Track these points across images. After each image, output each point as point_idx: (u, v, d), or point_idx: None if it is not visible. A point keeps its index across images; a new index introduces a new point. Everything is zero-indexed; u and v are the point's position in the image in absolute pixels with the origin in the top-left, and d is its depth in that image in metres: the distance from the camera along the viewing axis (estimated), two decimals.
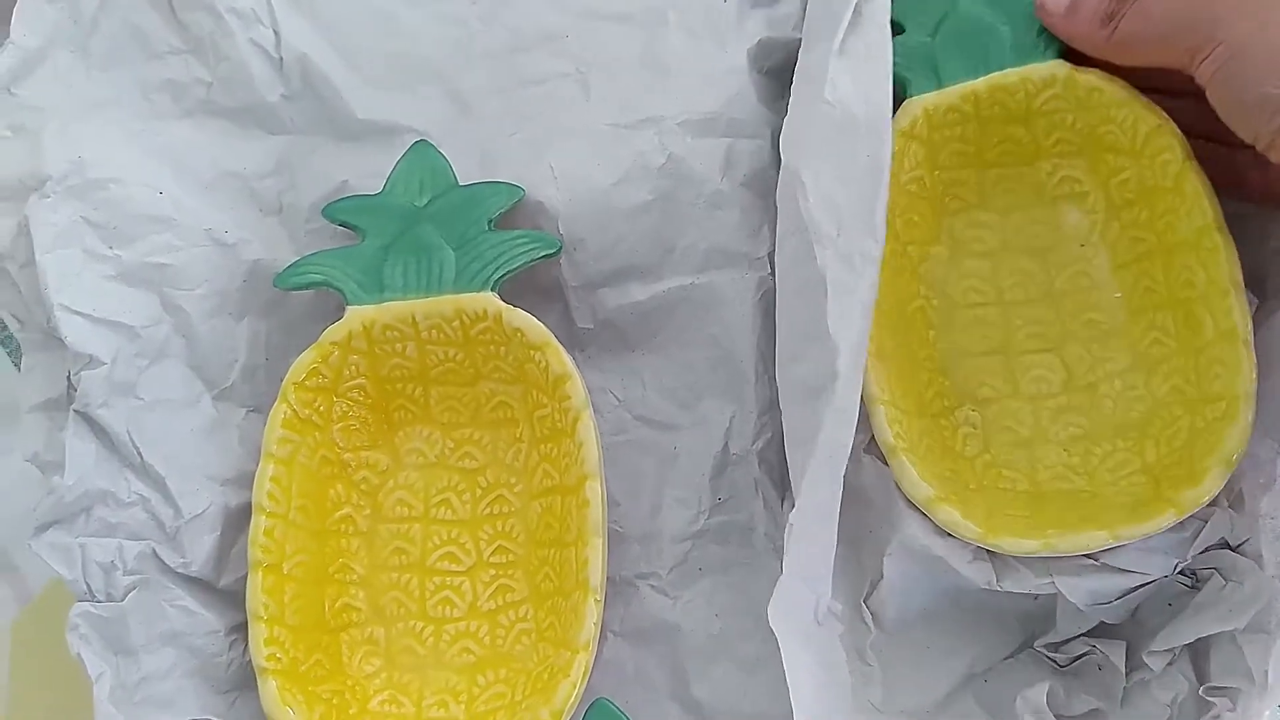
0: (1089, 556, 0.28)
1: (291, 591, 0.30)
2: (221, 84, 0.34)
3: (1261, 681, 0.26)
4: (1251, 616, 0.27)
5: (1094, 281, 0.30)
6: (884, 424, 0.28)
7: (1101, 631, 0.30)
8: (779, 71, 0.34)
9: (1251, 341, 0.27)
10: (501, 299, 0.32)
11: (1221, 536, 0.28)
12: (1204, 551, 0.28)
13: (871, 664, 0.29)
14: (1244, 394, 0.27)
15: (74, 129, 0.33)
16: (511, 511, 0.32)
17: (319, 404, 0.32)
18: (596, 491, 0.30)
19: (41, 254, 0.30)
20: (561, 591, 0.30)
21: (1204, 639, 0.28)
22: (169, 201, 0.33)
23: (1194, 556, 0.28)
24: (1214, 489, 0.26)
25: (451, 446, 0.33)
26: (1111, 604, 0.28)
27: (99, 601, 0.29)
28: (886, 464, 0.29)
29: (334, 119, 0.34)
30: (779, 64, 0.34)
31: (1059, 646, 0.30)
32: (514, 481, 0.32)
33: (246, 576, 0.30)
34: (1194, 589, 0.28)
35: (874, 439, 0.29)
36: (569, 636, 0.29)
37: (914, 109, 0.31)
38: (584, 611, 0.29)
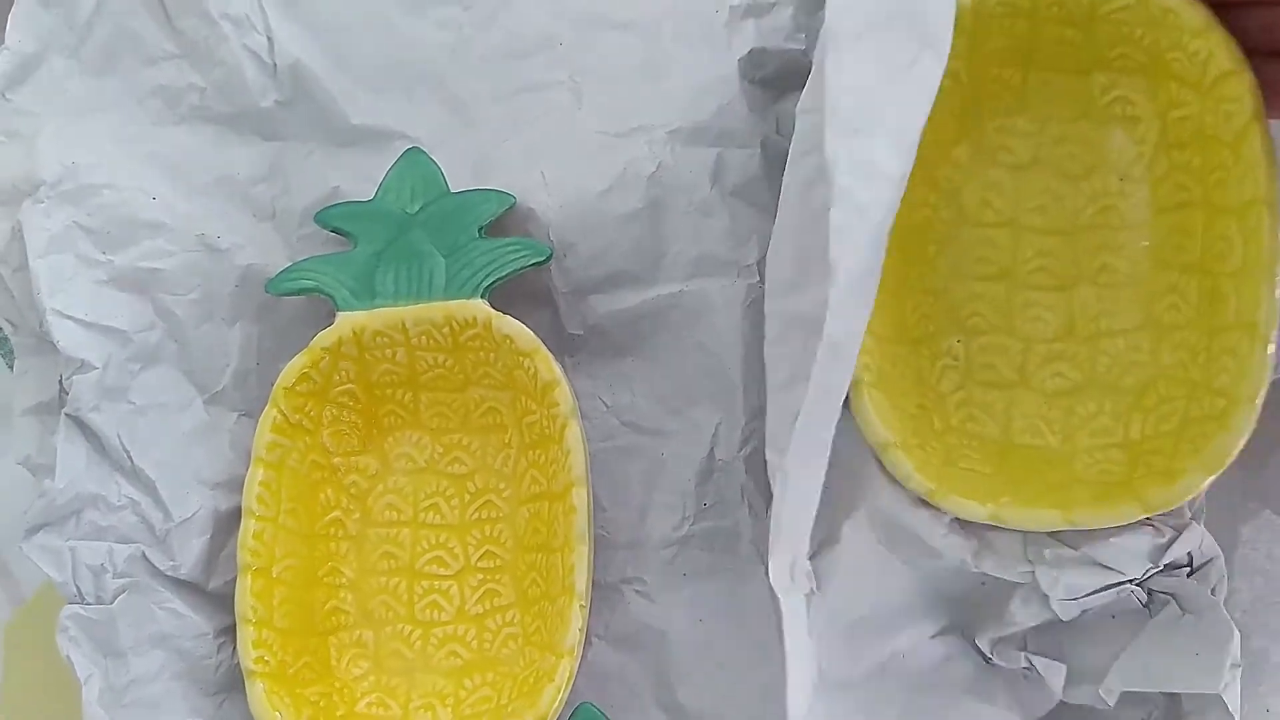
0: (1070, 546, 0.27)
1: (280, 595, 0.30)
2: (215, 89, 0.35)
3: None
4: (1227, 672, 0.26)
5: (1125, 221, 0.27)
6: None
7: (1034, 641, 0.29)
8: (770, 81, 0.34)
9: (1274, 343, 0.24)
10: (492, 305, 0.32)
11: (1189, 552, 0.27)
12: (1168, 567, 0.27)
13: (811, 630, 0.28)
14: (1246, 398, 0.24)
15: (68, 134, 0.33)
16: (499, 517, 0.32)
17: (309, 409, 0.32)
18: (583, 498, 0.30)
19: (34, 259, 0.31)
20: (548, 596, 0.30)
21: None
22: (162, 207, 0.33)
23: (1163, 566, 0.27)
24: (1186, 494, 0.24)
25: (441, 452, 0.33)
26: (1078, 600, 0.27)
27: (89, 604, 0.29)
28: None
29: (327, 124, 0.35)
30: (770, 74, 0.34)
31: (995, 645, 0.29)
32: (502, 487, 0.33)
33: (235, 580, 0.30)
34: (1145, 608, 0.28)
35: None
36: (554, 641, 0.29)
37: None
38: (569, 616, 0.29)
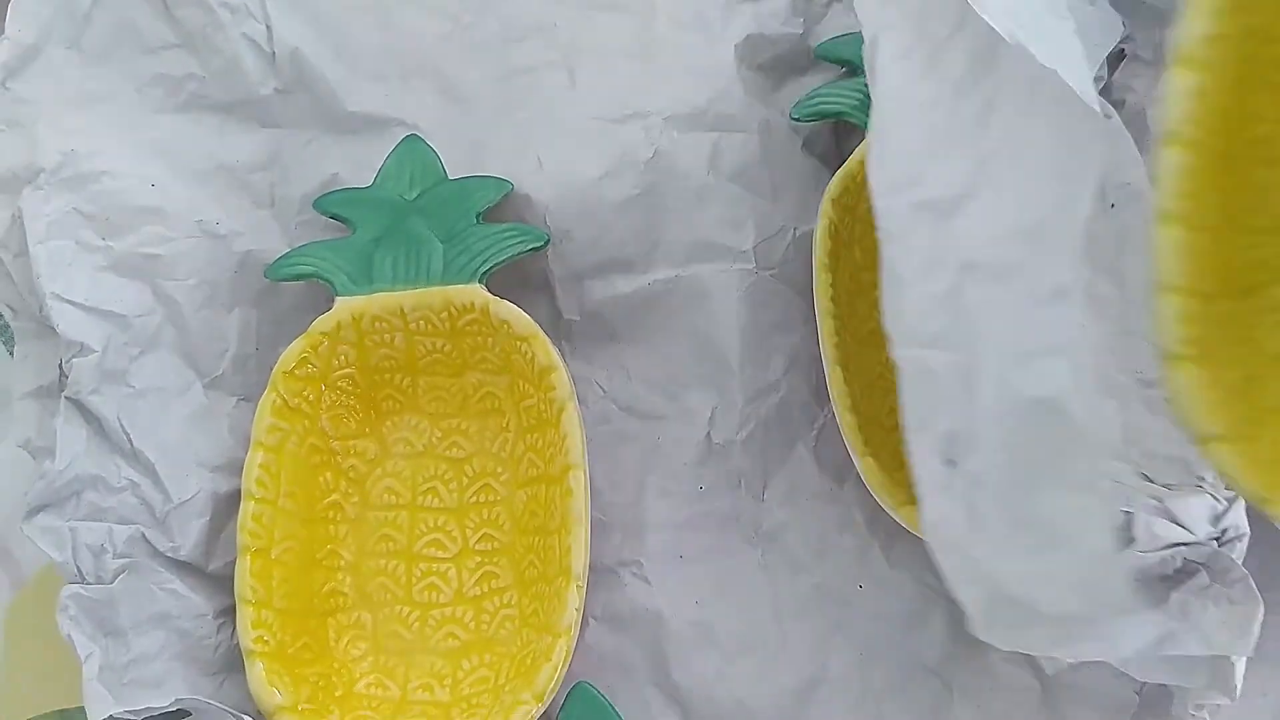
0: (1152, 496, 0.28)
1: (279, 576, 0.31)
2: (214, 78, 0.35)
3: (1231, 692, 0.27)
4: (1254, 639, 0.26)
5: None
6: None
7: None
8: (767, 67, 0.34)
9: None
10: (490, 291, 0.32)
11: (1234, 524, 0.27)
12: (1219, 538, 0.27)
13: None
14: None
15: (67, 122, 0.33)
16: (497, 500, 0.33)
17: (308, 393, 0.32)
18: (580, 480, 0.30)
19: (35, 244, 0.31)
20: (545, 578, 0.31)
21: None
22: (161, 193, 0.33)
23: (1208, 538, 0.27)
24: None
25: (439, 436, 0.33)
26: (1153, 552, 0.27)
27: (89, 584, 0.29)
28: None
29: (325, 112, 0.35)
30: (767, 60, 0.34)
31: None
32: (500, 470, 0.33)
33: (235, 562, 0.30)
34: (1169, 577, 0.28)
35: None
36: (551, 621, 0.29)
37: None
38: (566, 597, 0.29)
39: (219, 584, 0.31)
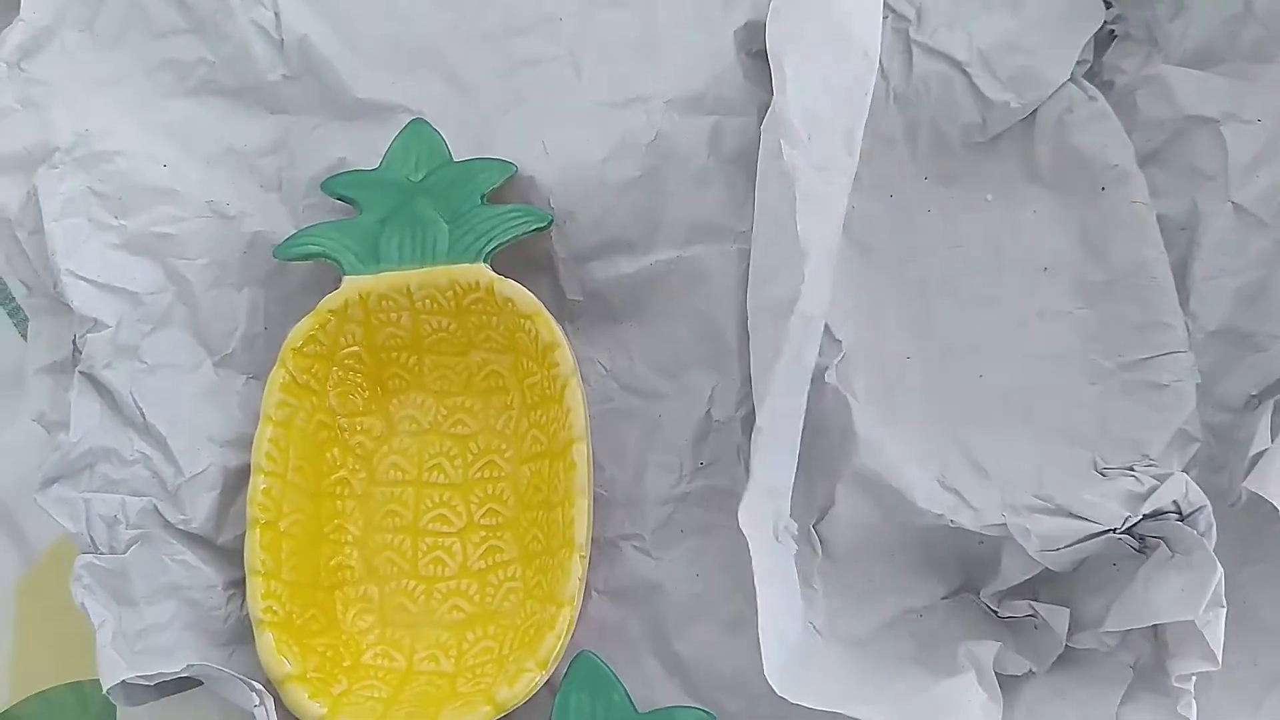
0: (1044, 500, 0.29)
1: (288, 549, 0.31)
2: (224, 63, 0.35)
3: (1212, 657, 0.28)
4: (1205, 604, 0.27)
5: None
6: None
7: (1044, 593, 0.30)
8: (765, 53, 0.35)
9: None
10: (494, 271, 0.33)
11: (1174, 501, 0.28)
12: (1155, 515, 0.28)
13: (816, 588, 0.30)
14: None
15: (81, 103, 0.34)
16: (502, 476, 0.33)
17: (316, 370, 0.33)
18: (583, 454, 0.31)
19: (49, 221, 0.31)
20: (548, 550, 0.31)
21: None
22: (172, 174, 0.34)
23: (1144, 517, 0.28)
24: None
25: (444, 414, 0.34)
26: (1059, 551, 0.29)
27: (102, 554, 0.30)
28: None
29: (333, 98, 0.36)
30: (764, 46, 0.35)
31: (1001, 598, 0.31)
32: (504, 447, 0.33)
33: (244, 535, 0.31)
34: (1140, 553, 0.29)
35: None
36: (555, 592, 0.30)
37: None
38: (569, 567, 0.30)
39: (229, 556, 0.32)
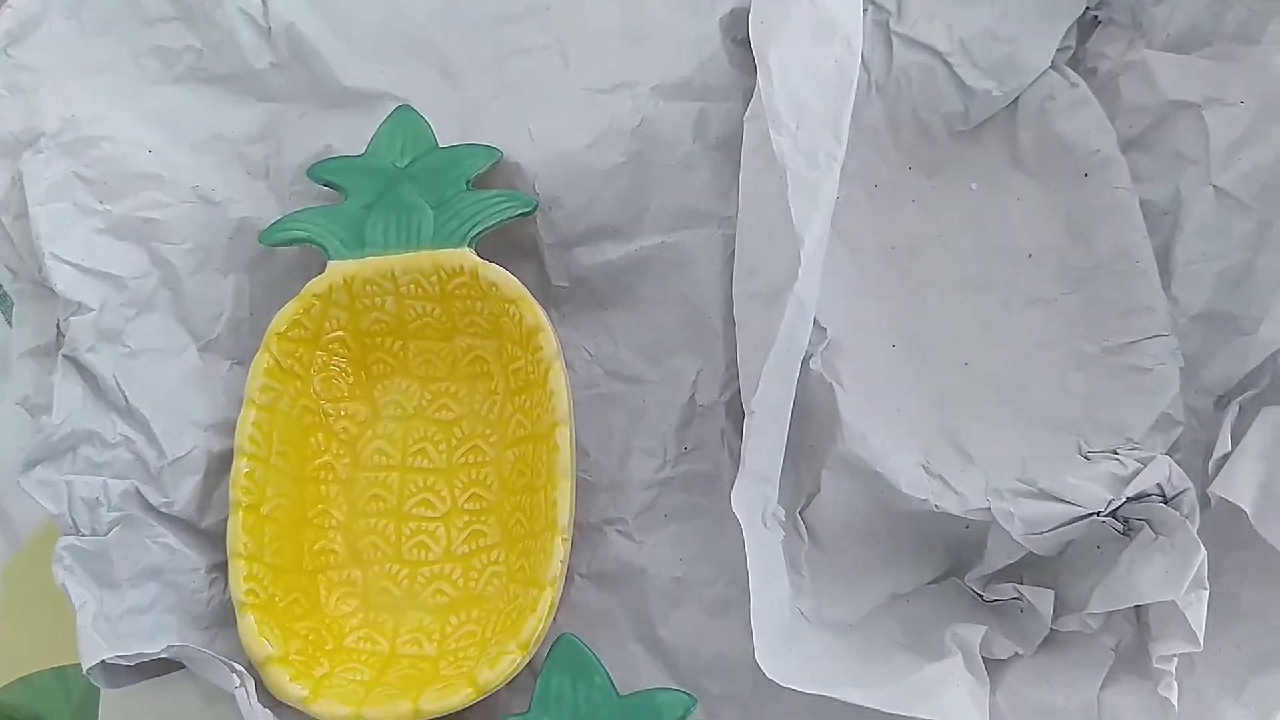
0: (1027, 484, 0.29)
1: (271, 532, 0.31)
2: (211, 51, 0.36)
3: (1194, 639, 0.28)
4: (1188, 585, 0.28)
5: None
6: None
7: (1029, 576, 0.30)
8: (750, 41, 0.35)
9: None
10: (479, 257, 0.33)
11: (1158, 483, 0.28)
12: (1139, 498, 0.28)
13: (803, 574, 0.30)
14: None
15: (68, 89, 0.34)
16: (486, 461, 0.33)
17: (300, 354, 0.33)
18: (566, 437, 0.31)
19: (34, 206, 0.31)
20: (531, 534, 0.31)
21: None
22: (158, 159, 0.34)
23: (1128, 499, 0.28)
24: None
25: (429, 399, 0.34)
26: (1043, 534, 0.29)
27: (84, 536, 0.30)
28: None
29: (320, 86, 0.36)
30: (749, 33, 0.35)
31: (987, 583, 0.31)
32: (488, 432, 0.33)
33: (227, 519, 0.31)
34: (1124, 536, 0.29)
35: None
36: (537, 575, 0.30)
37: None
38: (551, 550, 0.30)
39: (211, 540, 0.32)
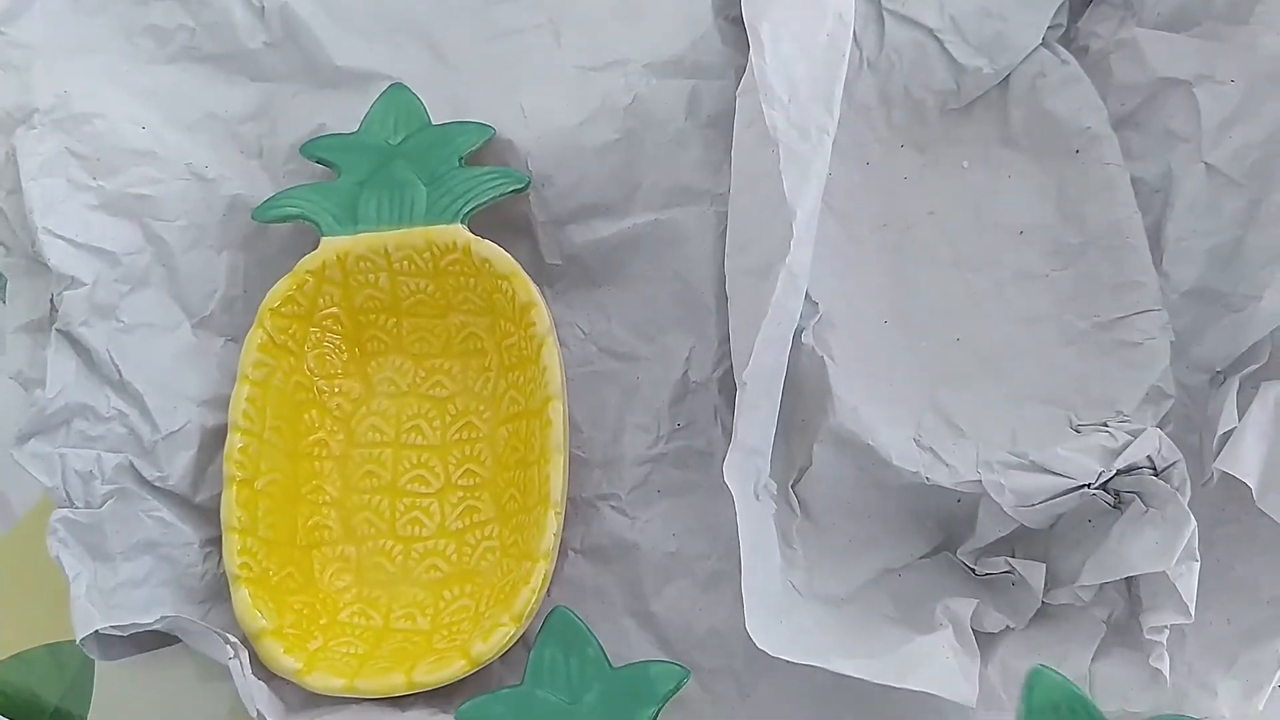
0: (1018, 456, 0.29)
1: (264, 507, 0.31)
2: (205, 30, 0.36)
3: (1185, 611, 0.28)
4: (1178, 556, 0.28)
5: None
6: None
7: (1020, 550, 0.31)
8: (743, 19, 0.35)
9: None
10: (472, 234, 0.33)
11: (1148, 455, 0.28)
12: (1129, 470, 0.29)
13: (795, 548, 0.30)
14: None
15: (61, 66, 0.34)
16: (479, 437, 0.33)
17: (294, 331, 0.33)
18: (559, 411, 0.31)
19: (27, 181, 0.31)
20: (525, 508, 0.31)
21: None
22: (151, 136, 0.34)
23: (1118, 472, 0.28)
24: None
25: (422, 376, 0.34)
26: (1034, 506, 0.29)
27: (78, 508, 0.30)
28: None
29: (313, 67, 0.36)
30: (742, 12, 0.35)
31: (978, 556, 0.31)
32: (482, 409, 0.33)
33: (221, 494, 0.31)
34: (1115, 509, 0.29)
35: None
36: (530, 548, 0.30)
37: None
38: (545, 523, 0.30)
39: (205, 515, 0.32)
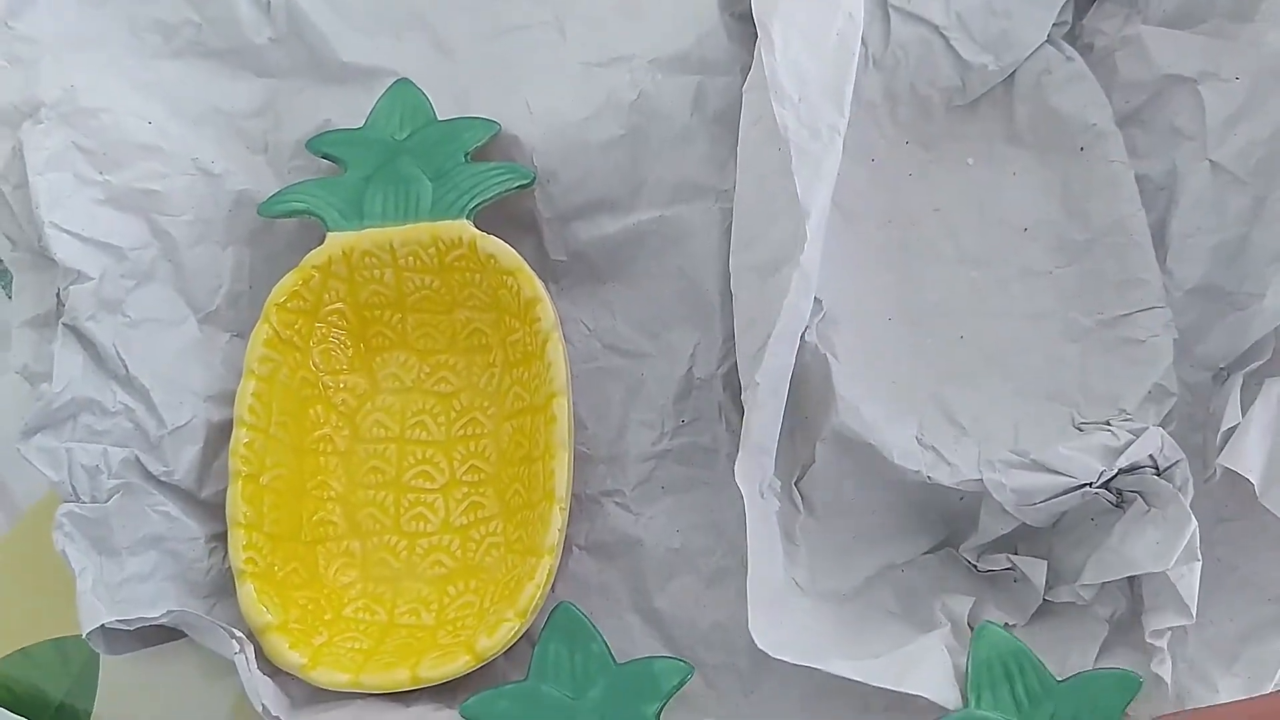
0: (1019, 455, 0.29)
1: (270, 502, 0.31)
2: (210, 25, 0.36)
3: (1187, 612, 0.28)
4: (1178, 556, 0.28)
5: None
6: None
7: (1023, 547, 0.31)
8: (749, 16, 0.35)
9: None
10: (478, 230, 0.33)
11: (1150, 455, 0.29)
12: (1131, 469, 0.29)
13: (798, 544, 0.31)
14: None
15: (67, 61, 0.34)
16: (484, 433, 0.33)
17: (299, 326, 0.33)
18: (563, 407, 0.31)
19: (33, 175, 0.31)
20: (529, 504, 0.31)
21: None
22: (157, 131, 0.34)
23: (1120, 471, 0.28)
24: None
25: (427, 371, 0.34)
26: (1035, 505, 0.29)
27: (84, 503, 0.30)
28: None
29: (319, 62, 0.36)
30: (749, 8, 0.35)
31: (981, 553, 0.31)
32: (487, 405, 0.33)
33: (227, 489, 0.31)
34: (1118, 508, 0.29)
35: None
36: (535, 544, 0.30)
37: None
38: (549, 519, 0.30)
39: (211, 510, 0.32)
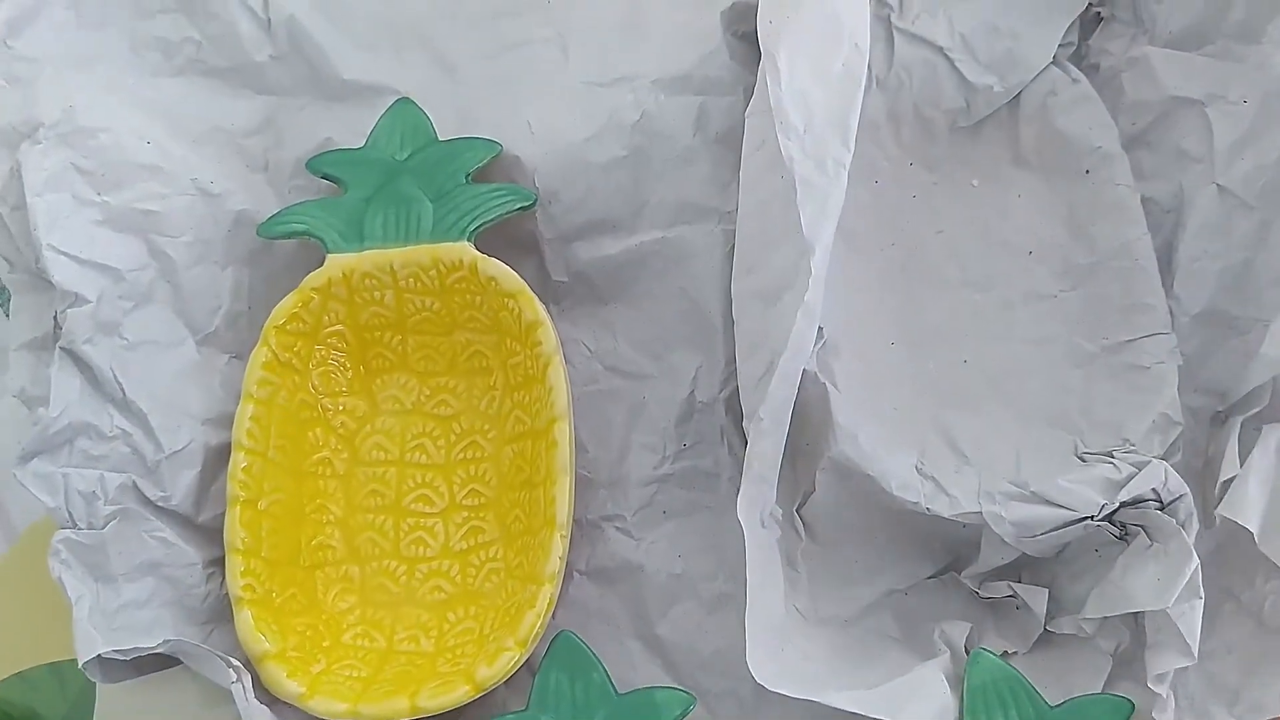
0: (1020, 487, 0.29)
1: (268, 527, 0.31)
2: (211, 43, 0.36)
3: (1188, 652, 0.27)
4: (1179, 594, 0.27)
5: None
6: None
7: (1026, 575, 0.30)
8: (752, 35, 0.35)
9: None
10: (479, 251, 0.33)
11: (1153, 489, 0.28)
12: (1134, 502, 0.28)
13: (800, 571, 0.30)
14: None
15: (67, 80, 0.34)
16: (484, 456, 0.33)
17: (299, 349, 0.33)
18: (565, 432, 0.31)
19: (32, 196, 0.31)
20: (530, 530, 0.31)
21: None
22: (157, 152, 0.34)
23: (1122, 504, 0.28)
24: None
25: (427, 394, 0.34)
26: (1036, 538, 0.29)
27: (80, 529, 0.29)
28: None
29: (320, 79, 0.35)
30: (752, 28, 0.35)
31: (982, 580, 0.30)
32: (487, 428, 0.33)
33: (225, 513, 0.31)
34: (1122, 540, 0.29)
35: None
36: (536, 571, 0.30)
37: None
38: (550, 546, 0.30)
39: (209, 535, 0.31)
